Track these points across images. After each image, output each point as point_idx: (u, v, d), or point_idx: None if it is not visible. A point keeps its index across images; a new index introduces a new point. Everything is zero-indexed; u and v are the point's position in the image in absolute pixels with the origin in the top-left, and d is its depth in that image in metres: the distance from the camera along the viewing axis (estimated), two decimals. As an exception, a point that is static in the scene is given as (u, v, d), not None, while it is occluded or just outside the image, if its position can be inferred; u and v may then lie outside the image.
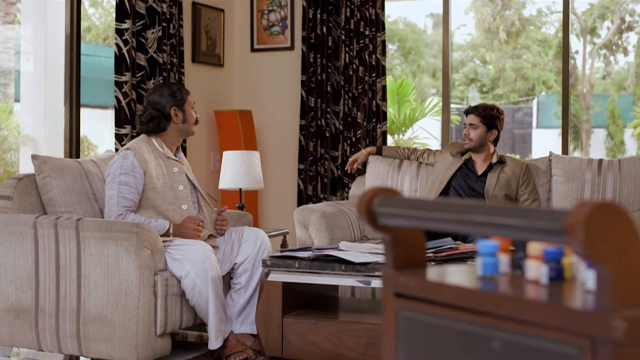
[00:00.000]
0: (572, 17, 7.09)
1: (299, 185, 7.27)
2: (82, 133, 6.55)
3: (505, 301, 1.48)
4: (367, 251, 4.58)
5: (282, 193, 7.47)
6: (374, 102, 7.14)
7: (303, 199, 7.24)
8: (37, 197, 4.85)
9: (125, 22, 6.19)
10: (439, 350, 1.62)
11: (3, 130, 8.63)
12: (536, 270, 1.60)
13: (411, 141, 11.81)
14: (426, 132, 12.09)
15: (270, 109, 7.52)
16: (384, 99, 7.19)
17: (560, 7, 7.91)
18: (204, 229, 4.80)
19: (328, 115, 7.22)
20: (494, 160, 5.67)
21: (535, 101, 15.61)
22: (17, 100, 8.59)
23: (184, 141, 6.71)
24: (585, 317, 1.35)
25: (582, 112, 14.79)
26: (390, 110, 11.60)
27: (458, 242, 4.62)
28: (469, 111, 5.65)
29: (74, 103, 6.35)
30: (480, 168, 5.67)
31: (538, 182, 5.76)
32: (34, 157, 4.85)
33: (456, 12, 16.78)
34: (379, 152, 6.29)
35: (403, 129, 11.74)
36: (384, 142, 7.17)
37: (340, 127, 7.17)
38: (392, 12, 16.34)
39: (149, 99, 4.86)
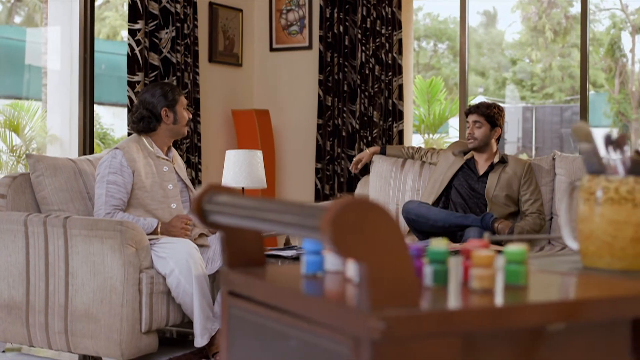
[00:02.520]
0: (622, 14, 6.97)
1: (316, 185, 7.27)
2: (105, 129, 6.64)
3: (289, 298, 1.47)
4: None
5: (299, 192, 7.48)
6: (391, 101, 7.11)
7: (320, 198, 7.24)
8: (31, 195, 4.93)
9: (138, 23, 6.26)
10: (257, 348, 1.62)
11: (31, 130, 8.79)
12: (353, 268, 1.58)
13: (441, 140, 11.73)
14: (457, 131, 11.98)
15: (288, 109, 7.54)
16: (400, 97, 7.15)
17: (609, 5, 7.75)
18: (195, 228, 4.83)
19: (344, 115, 7.21)
20: (496, 160, 5.60)
21: (584, 100, 15.33)
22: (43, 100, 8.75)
23: (199, 140, 6.76)
24: (348, 315, 1.33)
25: (631, 111, 14.52)
26: (422, 110, 11.54)
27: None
28: (470, 111, 5.60)
29: (87, 101, 6.45)
30: (481, 168, 5.61)
31: (541, 182, 5.67)
32: (29, 156, 4.94)
33: (504, 10, 16.64)
34: (383, 152, 6.26)
35: (433, 128, 11.67)
36: (401, 141, 7.13)
37: (357, 127, 7.15)
38: (442, 11, 16.25)
39: (141, 98, 4.90)
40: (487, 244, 1.61)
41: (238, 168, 5.85)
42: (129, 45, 6.26)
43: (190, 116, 5.01)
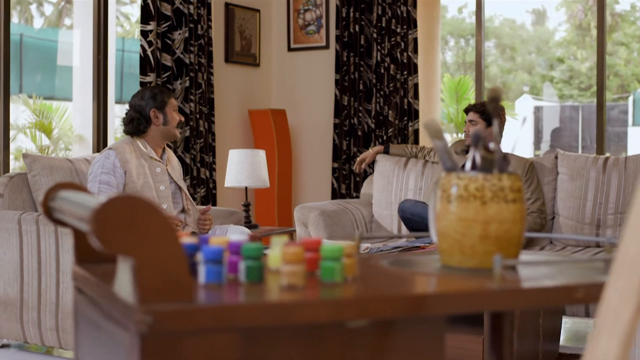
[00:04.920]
0: None
1: (332, 184, 7.28)
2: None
3: (100, 292, 1.49)
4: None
5: (316, 192, 7.49)
6: (406, 100, 7.08)
7: (337, 197, 7.24)
8: (28, 195, 5.02)
9: (150, 24, 6.33)
10: (95, 343, 1.64)
11: (59, 130, 8.95)
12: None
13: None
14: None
15: (305, 108, 7.56)
16: (415, 97, 7.12)
17: None
18: (187, 226, 4.88)
19: (360, 114, 7.21)
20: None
21: (631, 99, 15.12)
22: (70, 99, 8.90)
23: (213, 140, 6.81)
24: (126, 309, 1.35)
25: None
26: (451, 109, 11.46)
27: (430, 242, 4.56)
28: (468, 109, 5.58)
29: (100, 100, 6.55)
30: (482, 166, 5.56)
31: (543, 181, 5.61)
32: (25, 156, 5.03)
33: (553, 9, 16.44)
34: (386, 151, 6.25)
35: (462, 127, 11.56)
36: (416, 140, 7.10)
37: (372, 126, 7.15)
38: (487, 9, 16.10)
39: (131, 102, 4.97)
40: (319, 241, 1.61)
41: (240, 167, 5.88)
42: (141, 46, 6.34)
43: (182, 119, 5.04)
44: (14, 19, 15.19)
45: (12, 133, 8.60)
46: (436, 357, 1.47)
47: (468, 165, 1.86)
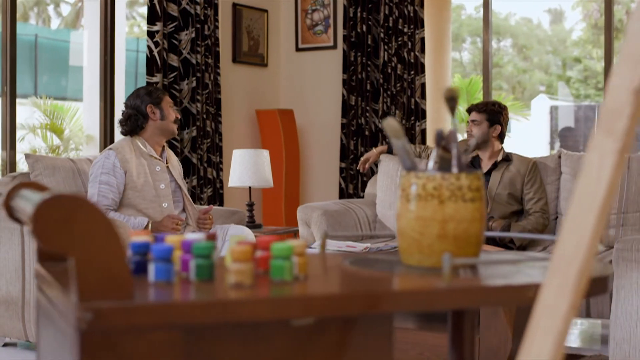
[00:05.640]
0: None
1: (340, 184, 7.28)
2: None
3: (50, 288, 1.50)
4: (337, 249, 4.56)
5: (323, 191, 7.50)
6: (413, 100, 7.08)
7: (344, 197, 7.25)
8: (31, 194, 5.06)
9: (156, 25, 6.36)
10: (52, 338, 1.65)
11: (70, 131, 9.00)
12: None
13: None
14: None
15: (313, 108, 7.57)
16: (423, 96, 7.12)
17: None
18: (188, 225, 4.90)
19: (367, 114, 7.21)
20: (500, 157, 5.53)
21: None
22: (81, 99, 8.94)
23: (220, 140, 6.83)
24: (68, 306, 1.36)
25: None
26: (461, 108, 11.43)
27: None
28: (470, 109, 5.56)
29: (107, 100, 6.58)
30: (485, 166, 5.55)
31: (547, 180, 5.58)
32: (27, 156, 5.06)
33: (568, 8, 16.36)
34: (390, 151, 6.24)
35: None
36: (423, 140, 7.10)
37: (380, 126, 7.15)
38: (504, 9, 16.06)
39: (126, 102, 5.00)
40: (270, 240, 1.61)
41: (244, 167, 5.89)
42: (148, 46, 6.37)
43: (179, 116, 5.06)
44: (32, 20, 15.28)
45: (22, 133, 8.68)
46: (384, 356, 1.47)
47: (430, 164, 1.86)
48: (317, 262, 1.83)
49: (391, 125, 1.84)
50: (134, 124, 4.94)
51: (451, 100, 1.85)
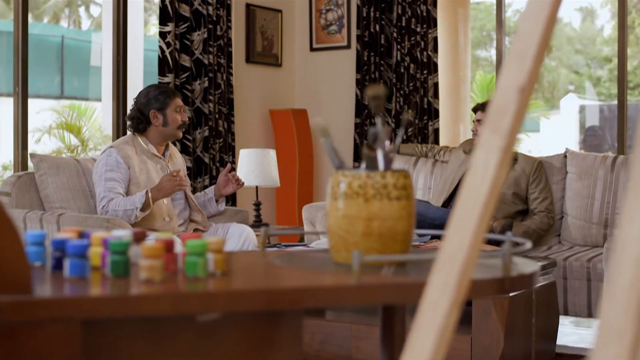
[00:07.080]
0: None
1: (353, 184, 7.29)
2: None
3: None
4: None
5: (338, 191, 7.51)
6: (426, 99, 7.07)
7: (358, 197, 7.25)
8: (36, 194, 5.12)
9: (168, 25, 6.41)
10: None
11: (87, 131, 9.08)
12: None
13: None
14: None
15: (327, 108, 7.58)
16: (435, 96, 7.11)
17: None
18: (192, 223, 4.95)
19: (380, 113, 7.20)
20: (504, 157, 5.52)
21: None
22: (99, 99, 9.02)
23: (233, 140, 6.87)
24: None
25: None
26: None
27: (425, 241, 4.56)
28: (477, 108, 5.56)
29: (120, 100, 6.64)
30: (490, 166, 5.53)
31: (552, 180, 5.56)
32: (32, 156, 5.13)
33: (597, 6, 16.22)
34: (396, 151, 6.24)
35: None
36: (436, 139, 7.09)
37: (393, 125, 7.14)
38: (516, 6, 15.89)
39: (135, 99, 5.04)
40: (188, 237, 1.63)
41: (250, 167, 5.92)
42: (160, 47, 6.42)
43: (186, 119, 5.07)
44: (62, 22, 15.43)
45: (38, 134, 8.78)
46: (292, 350, 1.49)
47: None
48: (247, 260, 1.84)
49: (319, 124, 1.85)
50: (137, 126, 4.99)
51: (375, 98, 1.85)
